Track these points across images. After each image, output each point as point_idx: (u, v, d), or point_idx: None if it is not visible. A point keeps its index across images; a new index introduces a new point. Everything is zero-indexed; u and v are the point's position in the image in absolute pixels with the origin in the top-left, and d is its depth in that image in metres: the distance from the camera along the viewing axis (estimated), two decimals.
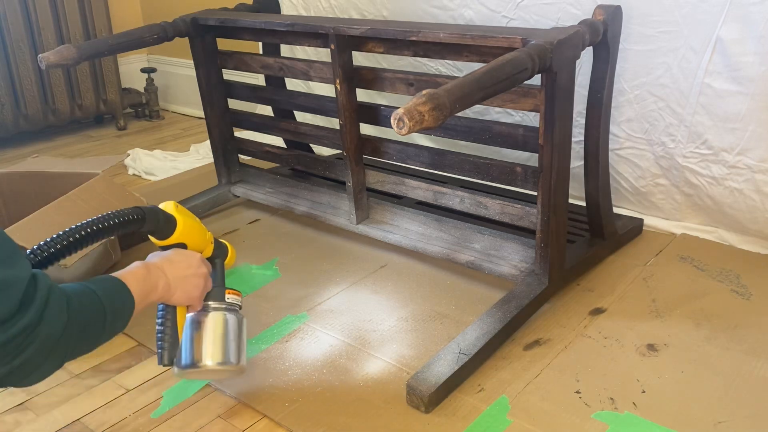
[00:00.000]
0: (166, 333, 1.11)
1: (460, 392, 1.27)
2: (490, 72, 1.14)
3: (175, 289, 1.06)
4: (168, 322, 1.11)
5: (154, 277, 1.02)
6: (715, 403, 1.21)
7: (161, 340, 1.11)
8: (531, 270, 1.52)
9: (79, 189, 1.63)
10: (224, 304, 1.18)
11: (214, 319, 1.16)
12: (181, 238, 1.12)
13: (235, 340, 1.17)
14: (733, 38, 1.54)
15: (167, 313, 1.12)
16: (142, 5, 3.22)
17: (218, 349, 1.14)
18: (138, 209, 1.04)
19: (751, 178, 1.62)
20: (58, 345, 0.80)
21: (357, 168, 1.76)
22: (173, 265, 1.07)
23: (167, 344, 1.11)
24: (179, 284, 1.07)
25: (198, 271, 1.10)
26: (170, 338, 1.11)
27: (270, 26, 1.76)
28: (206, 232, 1.18)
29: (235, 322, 1.18)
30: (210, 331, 1.15)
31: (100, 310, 0.87)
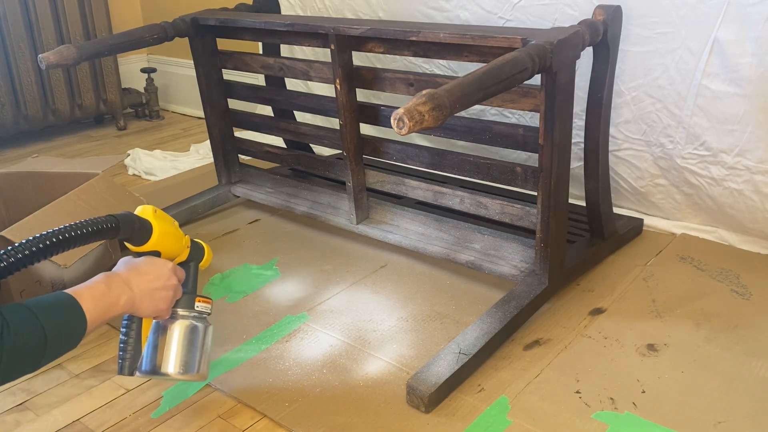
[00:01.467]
0: (129, 344, 1.10)
1: (460, 392, 1.27)
2: (490, 72, 1.14)
3: (141, 303, 1.04)
4: (132, 332, 1.10)
5: (116, 292, 1.00)
6: (715, 403, 1.21)
7: (123, 351, 1.11)
8: (531, 270, 1.52)
9: (79, 189, 1.63)
10: (193, 312, 1.17)
11: (180, 327, 1.16)
12: (156, 246, 1.10)
13: (199, 349, 1.17)
14: (730, 39, 1.54)
15: (132, 323, 1.11)
16: (142, 5, 3.22)
17: (181, 358, 1.15)
18: (112, 217, 1.02)
19: (750, 179, 1.62)
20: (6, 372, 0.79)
21: (357, 168, 1.76)
22: (141, 277, 1.05)
23: (129, 355, 1.11)
24: (146, 298, 1.05)
25: (167, 283, 1.08)
26: (132, 349, 1.11)
27: (270, 26, 1.76)
28: (183, 237, 1.17)
29: (202, 331, 1.18)
30: (175, 339, 1.15)
31: (39, 336, 0.85)
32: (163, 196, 2.17)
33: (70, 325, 0.91)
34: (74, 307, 0.91)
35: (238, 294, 1.63)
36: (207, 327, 1.20)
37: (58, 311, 0.89)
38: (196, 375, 1.18)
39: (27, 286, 1.46)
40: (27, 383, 1.36)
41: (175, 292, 1.11)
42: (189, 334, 1.16)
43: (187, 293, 1.17)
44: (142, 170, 2.49)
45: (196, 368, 1.17)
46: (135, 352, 1.12)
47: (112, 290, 0.99)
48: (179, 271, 1.14)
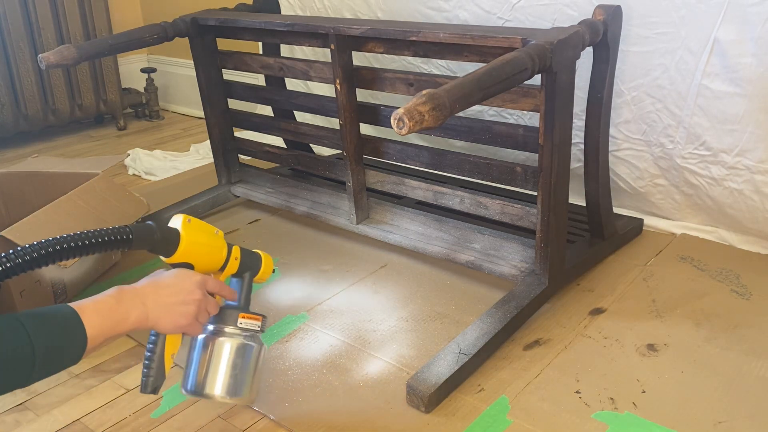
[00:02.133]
0: (153, 360, 1.04)
1: (460, 392, 1.27)
2: (490, 72, 1.14)
3: (157, 318, 0.98)
4: (156, 349, 1.04)
5: (126, 308, 0.94)
6: (715, 403, 1.21)
7: (147, 368, 1.05)
8: (531, 270, 1.52)
9: (79, 189, 1.63)
10: (237, 329, 1.10)
11: (221, 346, 1.08)
12: (185, 257, 1.04)
13: (250, 371, 1.09)
14: (730, 39, 1.54)
15: (156, 340, 1.04)
16: (142, 5, 3.22)
17: (226, 379, 1.08)
18: (126, 228, 0.96)
19: (750, 179, 1.62)
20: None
21: (357, 168, 1.76)
22: (159, 291, 0.99)
23: (152, 372, 1.05)
24: (162, 313, 0.99)
25: (188, 297, 1.01)
26: (156, 367, 1.04)
27: (270, 26, 1.76)
28: (223, 247, 1.09)
29: (252, 351, 1.10)
30: (218, 358, 1.08)
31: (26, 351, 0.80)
32: (163, 196, 2.17)
33: (65, 340, 0.85)
34: (73, 321, 0.86)
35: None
36: (260, 347, 1.11)
37: (54, 325, 0.84)
38: (243, 398, 1.10)
39: (27, 286, 1.46)
40: None
41: (200, 308, 1.03)
42: (234, 353, 1.08)
43: (230, 308, 1.11)
44: (142, 170, 2.49)
45: (244, 391, 1.09)
46: (158, 369, 1.05)
47: (122, 305, 0.94)
48: (214, 284, 1.06)
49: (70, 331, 0.86)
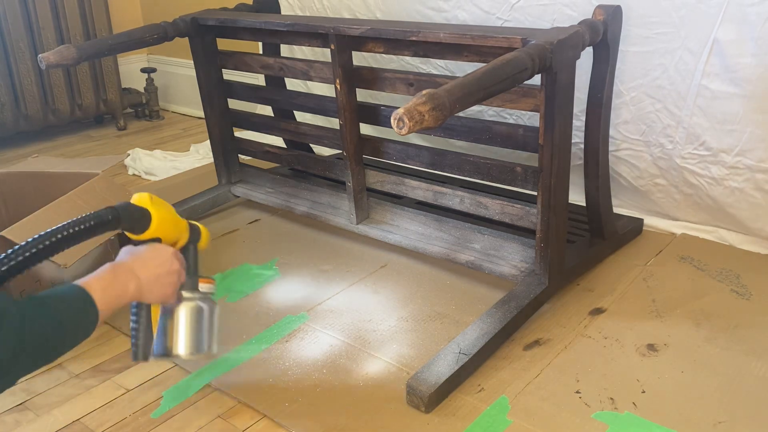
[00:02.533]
0: (140, 330, 1.11)
1: (460, 392, 1.27)
2: (490, 72, 1.14)
3: (149, 289, 1.05)
4: (142, 319, 1.11)
5: (123, 281, 1.00)
6: (715, 403, 1.21)
7: (135, 337, 1.11)
8: (531, 270, 1.52)
9: (79, 189, 1.63)
10: (197, 293, 1.18)
11: (187, 309, 1.16)
12: (156, 233, 1.10)
13: (208, 329, 1.18)
14: (730, 40, 1.54)
15: (141, 310, 1.11)
16: (142, 5, 3.22)
17: (190, 339, 1.15)
18: (112, 209, 1.02)
19: (750, 178, 1.62)
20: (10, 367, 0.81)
21: (357, 168, 1.76)
22: (146, 265, 1.05)
23: (141, 341, 1.11)
24: (152, 284, 1.05)
25: (171, 268, 1.09)
26: (144, 335, 1.12)
27: (270, 26, 1.76)
28: (180, 221, 1.17)
29: (208, 311, 1.18)
30: (183, 322, 1.15)
31: (57, 329, 0.86)
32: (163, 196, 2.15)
33: (84, 316, 0.92)
34: (86, 299, 0.92)
35: (238, 294, 1.63)
36: (213, 307, 1.20)
37: (72, 303, 0.91)
38: (206, 354, 1.18)
39: (27, 286, 1.46)
40: (27, 383, 1.36)
41: (179, 277, 1.11)
42: (196, 315, 1.16)
43: (189, 276, 1.17)
44: (142, 170, 2.49)
45: (206, 347, 1.17)
46: (146, 337, 1.12)
47: (120, 279, 1.00)
48: (180, 256, 1.14)
49: (85, 308, 0.92)
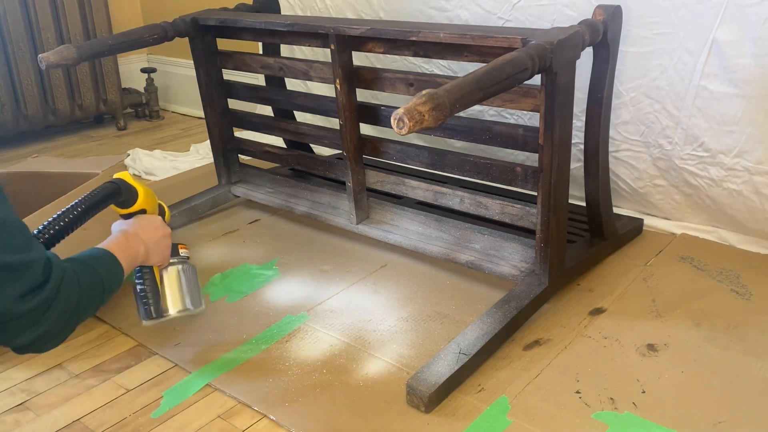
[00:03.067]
0: (148, 290, 1.23)
1: (460, 392, 1.27)
2: (490, 72, 1.14)
3: (153, 252, 1.19)
4: (149, 280, 1.23)
5: (134, 245, 1.13)
6: (715, 403, 1.21)
7: (146, 297, 1.23)
8: (531, 270, 1.52)
9: (79, 189, 1.63)
10: (178, 257, 1.30)
11: (173, 272, 1.28)
12: (143, 205, 1.23)
13: (194, 288, 1.31)
14: (729, 40, 1.54)
15: (146, 273, 1.23)
16: (142, 5, 3.22)
17: (178, 298, 1.28)
18: (112, 183, 1.17)
19: (749, 180, 1.62)
20: (72, 316, 0.93)
21: (357, 168, 1.76)
22: (146, 231, 1.18)
23: (152, 300, 1.24)
24: (155, 248, 1.19)
25: (165, 232, 1.23)
26: (153, 294, 1.24)
27: (270, 26, 1.76)
28: (154, 195, 1.29)
29: (191, 271, 1.32)
30: (171, 284, 1.28)
31: (98, 284, 0.99)
32: (163, 196, 2.16)
33: (115, 274, 1.05)
34: (114, 260, 1.05)
35: (238, 294, 1.63)
36: (193, 268, 1.34)
37: (105, 263, 1.04)
38: (195, 311, 1.31)
39: None
40: (27, 383, 1.36)
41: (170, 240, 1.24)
42: (182, 276, 1.29)
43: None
44: (142, 170, 2.49)
45: (194, 304, 1.30)
46: (156, 295, 1.24)
47: (132, 244, 1.13)
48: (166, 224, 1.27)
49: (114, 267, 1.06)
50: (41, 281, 0.86)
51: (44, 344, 0.91)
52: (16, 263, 0.82)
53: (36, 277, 0.86)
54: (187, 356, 1.41)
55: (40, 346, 0.91)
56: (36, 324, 0.87)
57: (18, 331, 0.86)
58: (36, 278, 0.85)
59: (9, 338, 0.87)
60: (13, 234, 0.84)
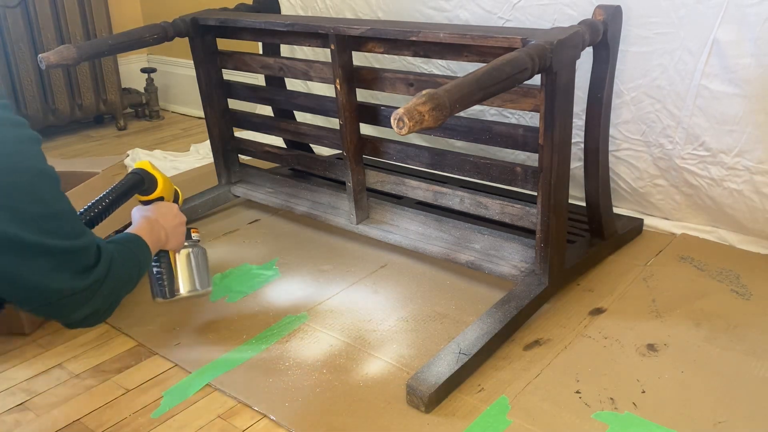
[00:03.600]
0: (165, 272, 1.34)
1: (460, 392, 1.27)
2: (490, 72, 1.14)
3: (171, 238, 1.29)
4: (165, 264, 1.34)
5: (157, 230, 1.23)
6: (715, 403, 1.21)
7: (161, 279, 1.34)
8: (531, 270, 1.52)
9: (78, 188, 1.63)
10: (190, 241, 1.40)
11: (185, 255, 1.38)
12: (162, 192, 1.34)
13: (203, 270, 1.40)
14: (729, 40, 1.54)
15: (162, 257, 1.34)
16: (142, 5, 3.22)
17: (189, 280, 1.37)
18: (136, 173, 1.29)
19: (749, 179, 1.62)
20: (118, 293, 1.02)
21: (357, 168, 1.76)
22: (166, 218, 1.27)
23: (167, 281, 1.35)
24: (172, 234, 1.29)
25: (181, 219, 1.32)
26: (168, 276, 1.35)
27: (270, 26, 1.76)
28: (171, 182, 1.39)
29: (202, 254, 1.41)
30: (183, 266, 1.37)
31: (136, 265, 1.09)
32: None
33: (146, 256, 1.15)
34: (143, 244, 1.14)
35: (238, 294, 1.63)
36: (204, 251, 1.43)
37: (138, 246, 1.13)
38: (204, 291, 1.40)
39: None
40: (27, 383, 1.36)
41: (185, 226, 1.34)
42: (193, 259, 1.39)
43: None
44: None
45: (203, 285, 1.39)
46: (170, 277, 1.35)
47: (155, 230, 1.22)
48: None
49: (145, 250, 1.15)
50: (94, 262, 0.95)
51: (96, 319, 1.00)
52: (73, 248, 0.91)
53: (89, 258, 0.95)
54: (187, 356, 1.41)
55: (93, 321, 1.00)
56: (90, 301, 0.95)
57: (74, 307, 0.94)
58: (90, 260, 0.95)
59: (67, 314, 0.95)
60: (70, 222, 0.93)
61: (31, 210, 0.84)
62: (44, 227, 0.86)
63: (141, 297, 1.62)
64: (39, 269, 0.87)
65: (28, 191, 0.85)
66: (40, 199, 0.86)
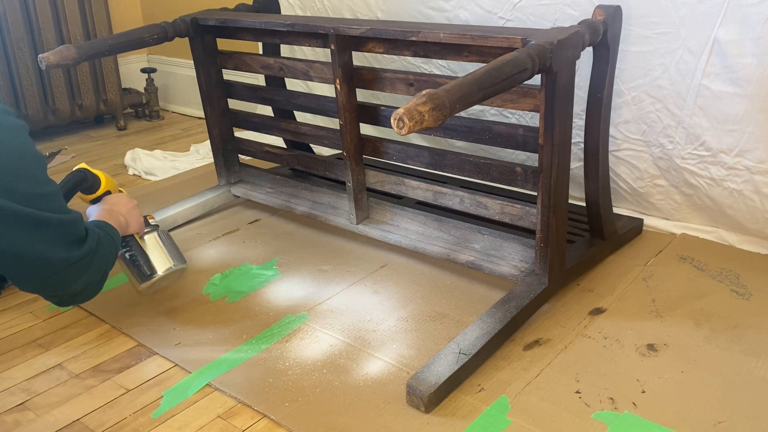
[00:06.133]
0: (137, 253, 1.44)
1: (460, 392, 1.27)
2: (490, 72, 1.14)
3: (131, 220, 1.38)
4: (134, 246, 1.44)
5: (116, 217, 1.32)
6: (715, 403, 1.21)
7: (137, 260, 1.44)
8: (531, 270, 1.52)
9: None
10: (149, 226, 1.50)
11: (151, 238, 1.48)
12: (107, 187, 1.44)
13: (172, 248, 1.51)
14: (730, 40, 1.54)
15: (130, 241, 1.43)
16: (142, 5, 3.22)
17: (163, 259, 1.47)
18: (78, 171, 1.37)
19: (750, 179, 1.62)
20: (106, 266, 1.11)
21: (357, 168, 1.76)
22: (120, 206, 1.37)
23: (142, 260, 1.44)
24: (131, 216, 1.39)
25: (133, 205, 1.41)
26: (142, 255, 1.45)
27: (270, 26, 1.76)
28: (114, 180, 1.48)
29: (164, 235, 1.51)
30: (153, 248, 1.47)
31: (113, 244, 1.19)
32: (163, 196, 2.17)
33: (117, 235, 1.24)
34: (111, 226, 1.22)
35: (238, 294, 1.63)
36: (165, 232, 1.54)
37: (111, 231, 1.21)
38: (179, 267, 1.50)
39: None
40: (27, 383, 1.36)
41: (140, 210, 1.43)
42: (160, 239, 1.50)
43: None
44: (142, 170, 2.49)
45: (180, 260, 1.51)
46: (144, 256, 1.45)
47: (115, 216, 1.31)
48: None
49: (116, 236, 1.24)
50: (84, 235, 1.04)
51: (90, 292, 1.08)
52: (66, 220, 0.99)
53: (81, 230, 1.04)
54: (187, 356, 1.41)
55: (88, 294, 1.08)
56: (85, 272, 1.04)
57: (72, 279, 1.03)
58: (81, 232, 1.04)
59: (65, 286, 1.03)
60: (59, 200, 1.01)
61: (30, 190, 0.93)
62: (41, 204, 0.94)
63: (141, 297, 1.63)
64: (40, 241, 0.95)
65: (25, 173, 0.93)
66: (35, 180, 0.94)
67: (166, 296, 1.63)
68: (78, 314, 1.59)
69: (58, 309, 1.61)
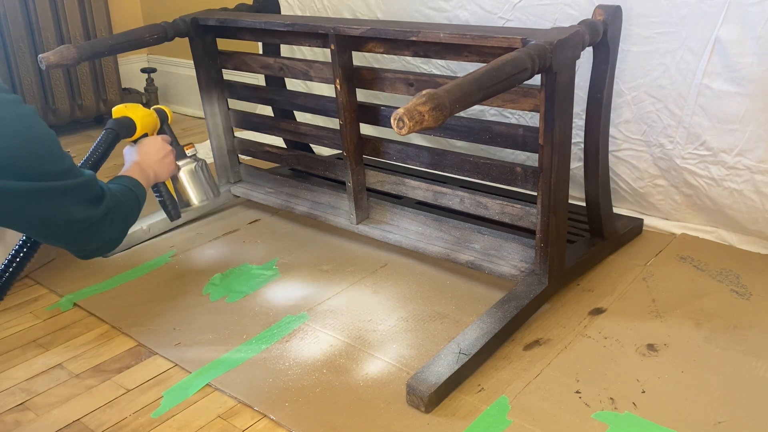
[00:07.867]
0: (165, 199, 1.50)
1: (460, 392, 1.27)
2: (490, 72, 1.13)
3: (160, 172, 1.41)
4: (164, 191, 1.49)
5: (146, 171, 1.36)
6: (715, 403, 1.21)
7: (165, 205, 1.51)
8: (531, 270, 1.52)
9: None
10: (186, 158, 1.54)
11: (186, 171, 1.53)
12: (143, 130, 1.44)
13: (207, 180, 1.57)
14: (731, 39, 1.54)
15: (160, 187, 1.49)
16: (142, 5, 3.22)
17: (197, 191, 1.55)
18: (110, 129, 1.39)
19: (750, 179, 1.62)
20: (126, 221, 1.16)
21: (357, 168, 1.76)
22: (150, 156, 1.40)
23: (170, 205, 1.51)
24: (160, 168, 1.41)
25: (165, 151, 1.42)
26: (170, 200, 1.51)
27: (270, 26, 1.76)
28: (150, 113, 1.48)
29: (200, 167, 1.56)
30: (187, 181, 1.53)
31: (135, 199, 1.23)
32: None
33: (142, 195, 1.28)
34: (139, 184, 1.27)
35: (238, 294, 1.63)
36: (202, 162, 1.57)
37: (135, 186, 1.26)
38: (214, 198, 1.58)
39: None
40: (27, 383, 1.36)
41: (173, 154, 1.45)
42: (194, 173, 1.54)
43: (175, 147, 1.49)
44: None
45: (211, 194, 1.57)
46: (172, 201, 1.51)
47: (144, 169, 1.36)
48: (166, 138, 1.47)
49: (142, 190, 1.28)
50: (101, 192, 1.10)
51: (110, 247, 1.13)
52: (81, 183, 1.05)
53: (97, 189, 1.10)
54: (187, 356, 1.41)
55: (108, 249, 1.13)
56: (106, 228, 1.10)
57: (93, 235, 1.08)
58: (97, 190, 1.10)
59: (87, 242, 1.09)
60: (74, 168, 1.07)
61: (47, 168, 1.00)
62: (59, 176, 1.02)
63: (141, 297, 1.63)
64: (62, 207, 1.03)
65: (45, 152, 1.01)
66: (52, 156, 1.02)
67: (167, 296, 1.63)
68: (78, 314, 1.59)
69: (58, 309, 1.61)
